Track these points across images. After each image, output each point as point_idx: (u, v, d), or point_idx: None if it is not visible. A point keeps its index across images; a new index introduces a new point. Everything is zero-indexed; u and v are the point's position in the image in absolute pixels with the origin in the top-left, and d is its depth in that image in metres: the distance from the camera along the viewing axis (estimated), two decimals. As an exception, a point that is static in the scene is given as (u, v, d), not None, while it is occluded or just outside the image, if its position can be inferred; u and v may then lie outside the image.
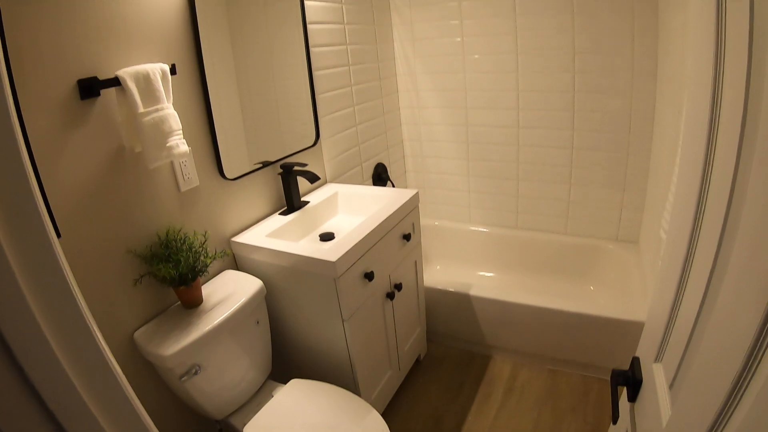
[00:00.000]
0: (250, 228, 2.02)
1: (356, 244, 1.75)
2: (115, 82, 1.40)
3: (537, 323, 2.45)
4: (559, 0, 2.59)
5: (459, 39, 2.96)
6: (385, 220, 1.96)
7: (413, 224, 2.24)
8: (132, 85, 1.41)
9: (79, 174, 1.38)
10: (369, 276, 1.85)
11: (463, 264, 3.43)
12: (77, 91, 1.35)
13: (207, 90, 1.75)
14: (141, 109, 1.43)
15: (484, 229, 3.37)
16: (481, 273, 3.37)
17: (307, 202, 2.22)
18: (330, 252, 1.70)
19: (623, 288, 2.68)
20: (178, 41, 1.66)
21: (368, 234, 1.84)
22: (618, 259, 2.87)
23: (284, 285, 1.88)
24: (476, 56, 2.95)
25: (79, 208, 1.39)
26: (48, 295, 0.53)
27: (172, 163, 1.66)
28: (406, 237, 2.15)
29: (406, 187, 3.52)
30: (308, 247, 1.81)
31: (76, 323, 0.57)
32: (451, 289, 2.61)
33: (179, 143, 1.53)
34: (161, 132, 1.47)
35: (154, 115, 1.46)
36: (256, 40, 2.04)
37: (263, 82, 2.11)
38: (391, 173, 3.23)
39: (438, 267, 3.48)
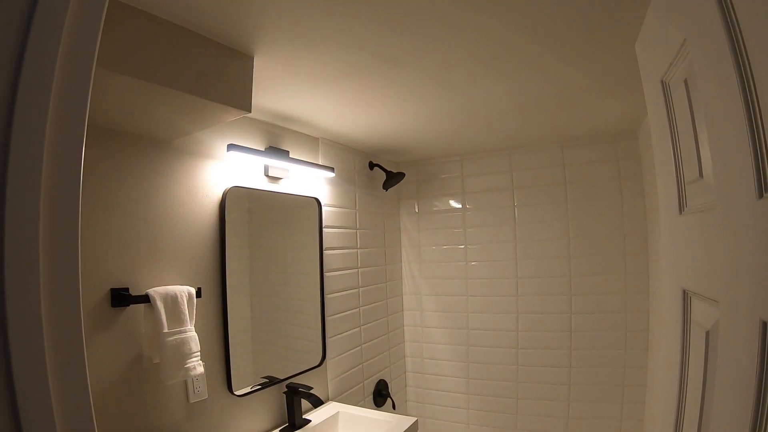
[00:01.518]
0: (250, 445, 2.06)
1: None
2: (146, 299, 1.54)
3: None
4: (555, 230, 2.88)
5: (463, 263, 3.21)
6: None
7: (411, 453, 2.25)
8: (160, 305, 1.56)
9: (98, 374, 1.46)
10: None
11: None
12: (109, 298, 1.50)
13: (227, 312, 1.90)
14: (166, 329, 1.55)
15: (482, 450, 3.31)
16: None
17: (309, 421, 2.25)
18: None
19: None
20: (206, 264, 1.85)
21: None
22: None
23: None
24: (479, 280, 3.19)
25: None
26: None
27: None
28: (404, 466, 2.16)
29: (405, 401, 3.54)
30: None
31: None
32: None
33: (196, 365, 1.63)
34: (181, 353, 1.58)
35: (177, 336, 1.58)
36: (273, 260, 2.27)
37: (277, 302, 2.28)
38: (392, 388, 3.28)
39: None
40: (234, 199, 1.98)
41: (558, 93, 2.04)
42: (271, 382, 2.17)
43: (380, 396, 3.08)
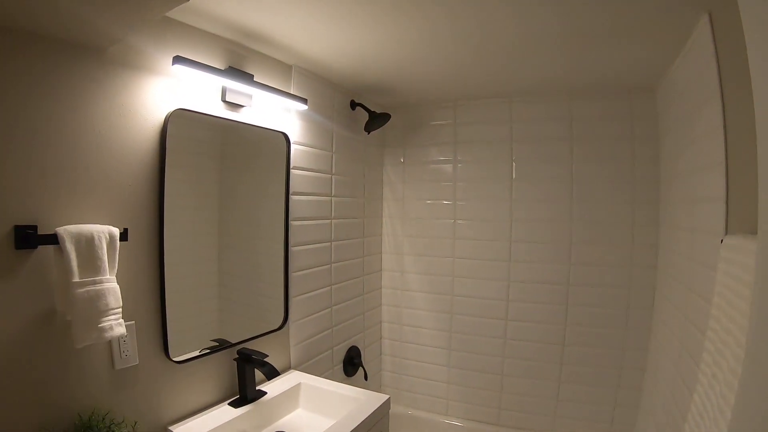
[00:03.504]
0: (193, 417, 1.73)
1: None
2: (54, 239, 1.23)
3: None
4: (554, 189, 2.62)
5: (451, 221, 2.90)
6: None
7: (381, 436, 1.97)
8: (71, 248, 1.24)
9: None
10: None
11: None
12: (13, 237, 1.20)
13: (163, 259, 1.58)
14: (76, 278, 1.24)
15: (461, 424, 3.05)
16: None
17: (264, 393, 1.96)
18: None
19: None
20: (139, 201, 1.52)
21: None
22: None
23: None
24: (468, 241, 2.89)
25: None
26: None
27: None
28: (372, 451, 1.87)
29: (380, 371, 3.28)
30: None
31: None
32: None
33: (114, 325, 1.31)
34: (95, 309, 1.27)
35: (91, 288, 1.27)
36: (228, 201, 1.94)
37: (232, 252, 1.96)
38: (365, 356, 3.00)
39: (409, 463, 3.13)
40: (179, 125, 1.62)
41: (568, 27, 1.74)
42: (221, 346, 1.87)
43: (351, 365, 2.80)
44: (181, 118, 1.62)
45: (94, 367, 1.42)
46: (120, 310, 1.35)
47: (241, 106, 1.89)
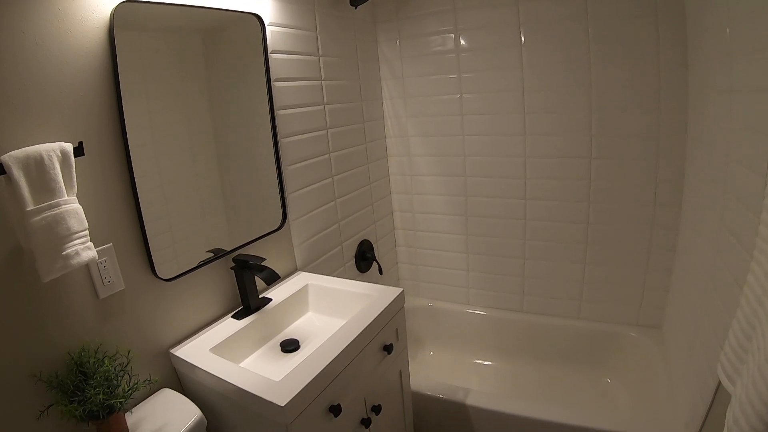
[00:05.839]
0: (195, 336, 1.67)
1: (318, 375, 1.39)
2: (1, 169, 1.09)
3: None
4: (573, 49, 2.34)
5: (457, 96, 2.69)
6: (362, 333, 1.61)
7: (397, 331, 1.89)
8: (19, 174, 1.10)
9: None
10: (335, 410, 1.49)
11: (459, 350, 3.08)
12: None
13: (132, 170, 1.43)
14: (30, 206, 1.12)
15: (483, 312, 3.03)
16: (478, 360, 3.02)
17: (269, 300, 1.88)
18: (280, 388, 1.34)
19: (645, 381, 2.35)
20: (93, 111, 1.35)
21: (337, 356, 1.48)
22: (639, 347, 2.55)
23: (230, 417, 1.52)
24: (477, 116, 2.68)
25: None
26: None
27: (87, 264, 1.33)
28: (387, 348, 1.80)
29: (396, 264, 3.21)
30: (252, 376, 1.42)
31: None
32: (442, 396, 2.25)
33: (80, 250, 1.20)
34: (56, 236, 1.15)
35: (47, 213, 1.14)
36: (201, 99, 1.76)
37: (211, 152, 1.81)
38: (378, 249, 2.91)
39: (431, 353, 3.12)
40: (128, 20, 1.40)
41: None
42: (217, 255, 1.76)
43: (364, 260, 2.72)
44: (129, 12, 1.40)
45: (76, 301, 1.33)
46: (86, 232, 1.23)
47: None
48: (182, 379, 1.63)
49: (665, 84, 2.19)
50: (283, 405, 1.27)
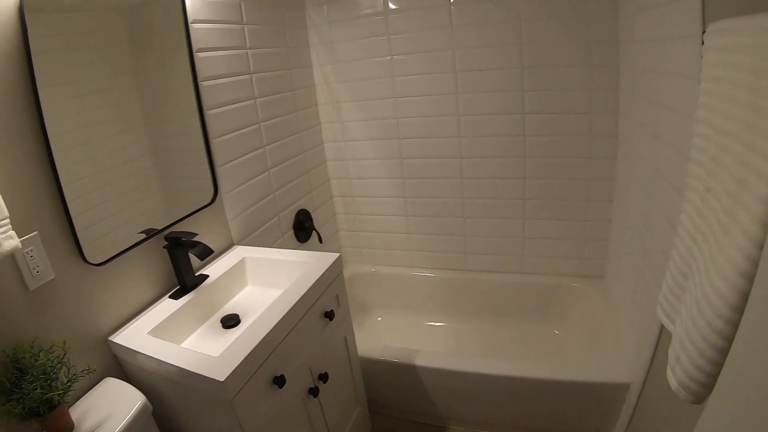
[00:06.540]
0: (133, 321, 1.63)
1: (257, 346, 1.39)
2: None
3: (497, 392, 2.18)
4: (503, 6, 2.36)
5: (388, 58, 2.67)
6: (299, 300, 1.62)
7: (337, 296, 1.91)
8: None
9: None
10: (279, 381, 1.50)
11: (408, 313, 3.14)
12: None
13: (52, 153, 1.38)
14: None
15: (429, 274, 3.09)
16: (430, 323, 3.09)
17: (206, 277, 1.86)
18: (219, 364, 1.33)
19: (592, 330, 2.47)
20: (5, 96, 1.27)
21: (275, 326, 1.49)
22: (583, 297, 2.67)
23: (175, 399, 1.51)
24: (408, 77, 2.68)
25: None
26: None
27: (13, 255, 1.28)
28: (329, 315, 1.81)
29: (337, 232, 3.21)
30: (192, 355, 1.41)
31: None
32: (392, 359, 2.29)
33: (1, 239, 1.14)
34: (-32, 226, 1.11)
35: (-44, 204, 1.09)
36: (116, 70, 1.68)
37: (133, 128, 1.74)
38: (317, 219, 2.91)
39: (379, 318, 3.17)
40: (40, 0, 1.34)
41: None
42: (148, 235, 1.72)
43: (302, 230, 2.71)
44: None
45: (4, 295, 1.28)
46: (7, 221, 1.18)
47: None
48: (124, 366, 1.59)
49: (596, 37, 2.25)
50: (222, 380, 1.27)
